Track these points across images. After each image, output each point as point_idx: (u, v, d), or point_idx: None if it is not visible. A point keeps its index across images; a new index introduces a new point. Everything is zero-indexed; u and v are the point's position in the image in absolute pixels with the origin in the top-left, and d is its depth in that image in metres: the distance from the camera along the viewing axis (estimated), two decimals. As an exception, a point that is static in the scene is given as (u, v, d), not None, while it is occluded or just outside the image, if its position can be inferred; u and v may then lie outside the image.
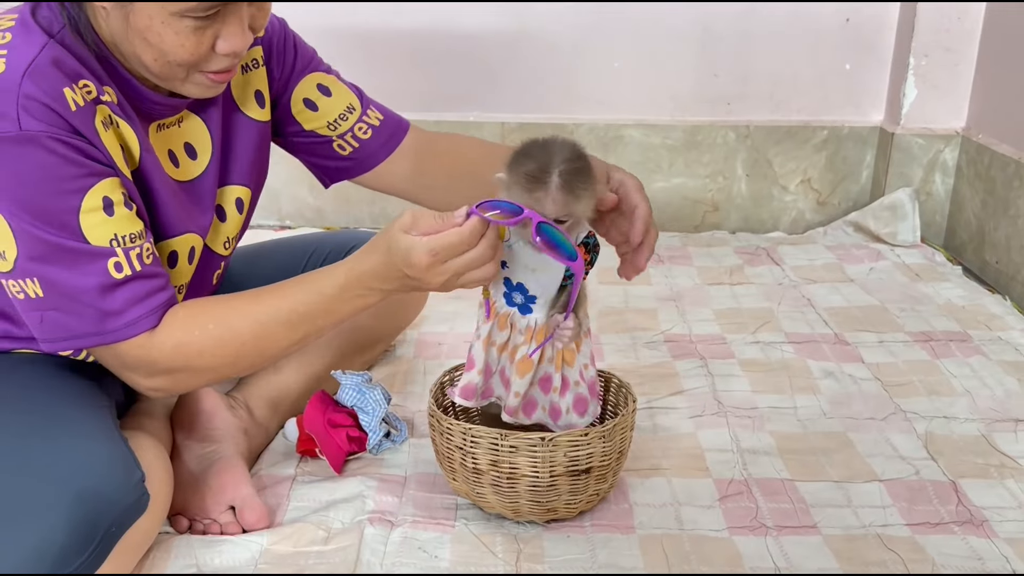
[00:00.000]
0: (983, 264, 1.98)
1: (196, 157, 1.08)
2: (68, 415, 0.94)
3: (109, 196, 0.91)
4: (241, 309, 0.99)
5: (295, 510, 1.11)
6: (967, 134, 2.11)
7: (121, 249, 0.92)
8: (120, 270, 0.92)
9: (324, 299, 0.99)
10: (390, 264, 0.95)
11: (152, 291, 0.95)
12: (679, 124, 2.23)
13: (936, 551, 1.05)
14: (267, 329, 0.99)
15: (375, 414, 1.21)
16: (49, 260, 0.90)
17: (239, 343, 0.98)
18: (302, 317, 0.99)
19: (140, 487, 0.91)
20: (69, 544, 0.82)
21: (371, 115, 1.23)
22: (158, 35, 0.88)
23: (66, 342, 0.94)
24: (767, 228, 2.29)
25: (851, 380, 1.46)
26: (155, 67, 0.92)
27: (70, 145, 0.88)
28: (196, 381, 1.02)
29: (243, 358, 1.00)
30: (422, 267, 0.92)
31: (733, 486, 1.17)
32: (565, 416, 1.06)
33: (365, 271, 0.97)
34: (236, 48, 0.92)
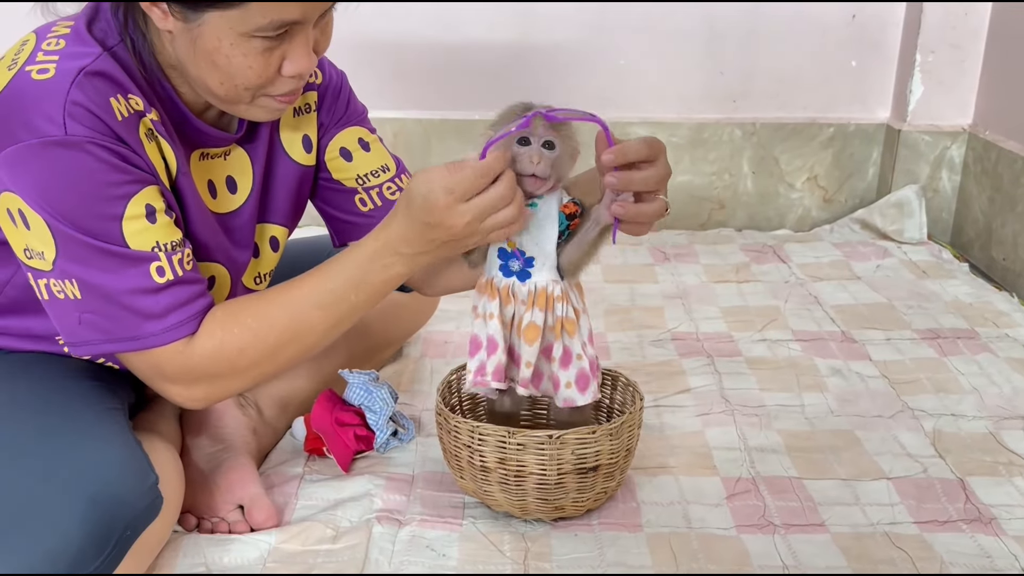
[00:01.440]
0: (990, 261, 1.98)
1: (236, 191, 1.08)
2: (82, 418, 0.94)
3: (152, 204, 0.91)
4: (276, 299, 0.98)
5: (303, 509, 1.12)
6: (974, 131, 2.10)
7: (164, 254, 0.91)
8: (162, 275, 0.91)
9: (355, 271, 0.96)
10: (412, 219, 0.92)
11: (193, 297, 0.94)
12: (685, 122, 2.23)
13: (944, 549, 1.05)
14: (303, 314, 0.97)
15: (382, 413, 1.21)
16: (89, 262, 0.89)
17: (277, 332, 0.96)
18: (334, 295, 0.97)
19: (154, 490, 0.90)
20: (84, 548, 0.82)
21: (404, 180, 1.22)
22: (226, 57, 0.88)
23: (101, 346, 0.92)
24: (773, 226, 2.28)
25: (858, 378, 1.46)
26: (221, 90, 0.92)
27: (114, 152, 0.88)
28: (239, 384, 0.99)
29: (282, 349, 0.98)
30: (441, 208, 0.90)
31: (741, 484, 1.17)
32: (564, 390, 1.04)
33: (391, 235, 0.94)
34: (302, 70, 0.92)
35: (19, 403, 0.96)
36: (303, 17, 0.89)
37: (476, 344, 1.05)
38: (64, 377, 1.01)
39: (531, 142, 0.98)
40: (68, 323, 0.93)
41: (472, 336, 1.05)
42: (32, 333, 1.03)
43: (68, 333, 0.93)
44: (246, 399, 1.22)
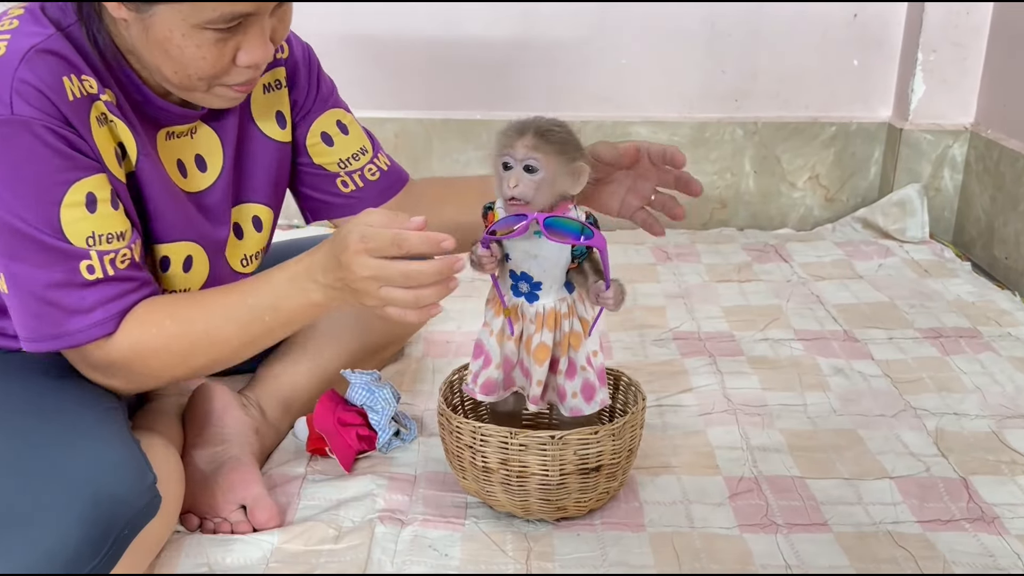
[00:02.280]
0: (992, 260, 1.98)
1: (206, 169, 1.08)
2: (80, 417, 0.94)
3: (94, 192, 0.90)
4: (196, 304, 0.98)
5: (306, 509, 1.12)
6: (976, 129, 2.10)
7: (96, 251, 0.91)
8: (92, 272, 0.91)
9: (273, 291, 0.96)
10: (331, 250, 0.92)
11: (121, 294, 0.94)
12: (687, 121, 2.22)
13: (947, 548, 1.05)
14: (218, 327, 0.97)
15: (385, 413, 1.21)
16: (19, 255, 0.88)
17: (190, 340, 0.97)
18: (251, 313, 0.96)
19: (152, 490, 0.90)
20: (81, 547, 0.82)
21: (380, 159, 1.25)
22: (179, 48, 0.88)
23: (35, 343, 0.93)
24: (775, 225, 2.28)
25: (861, 377, 1.46)
26: (175, 79, 0.92)
27: (60, 136, 0.87)
28: (150, 382, 1.01)
29: (194, 357, 0.98)
30: (349, 251, 0.88)
31: (743, 484, 1.17)
32: (571, 400, 1.06)
33: (313, 262, 0.94)
34: (257, 60, 0.92)
35: (16, 403, 0.96)
36: (256, 9, 0.89)
37: (477, 350, 1.08)
38: (62, 376, 1.01)
39: (512, 166, 0.97)
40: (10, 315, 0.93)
41: (476, 341, 1.08)
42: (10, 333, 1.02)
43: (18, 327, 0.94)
44: (248, 399, 1.22)
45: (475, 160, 2.23)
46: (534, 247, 1.00)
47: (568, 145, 0.99)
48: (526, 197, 0.97)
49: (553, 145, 0.97)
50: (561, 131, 0.99)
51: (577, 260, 1.02)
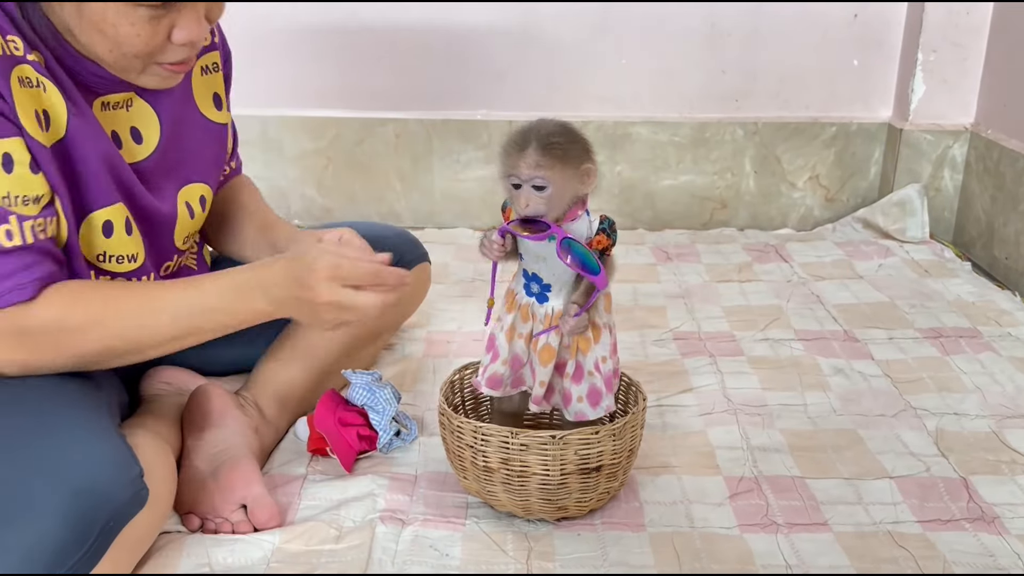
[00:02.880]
0: (992, 260, 1.98)
1: (141, 142, 1.08)
2: (62, 411, 0.93)
3: (10, 154, 0.89)
4: (133, 293, 0.97)
5: (306, 509, 1.12)
6: (976, 130, 2.10)
7: (15, 216, 0.89)
8: (11, 238, 0.89)
9: (218, 296, 0.97)
10: (291, 267, 0.95)
11: (38, 261, 0.92)
12: (687, 121, 2.23)
13: (947, 548, 1.05)
14: (152, 317, 0.96)
15: (385, 413, 1.22)
16: None
17: (119, 326, 0.95)
18: (189, 310, 0.96)
19: (138, 482, 0.89)
20: (65, 540, 0.81)
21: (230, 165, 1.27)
22: (112, 26, 0.88)
23: None
24: (776, 225, 2.28)
25: (861, 377, 1.46)
26: (110, 58, 0.91)
27: None
28: (56, 363, 0.96)
29: (117, 343, 0.96)
30: (319, 276, 0.93)
31: (743, 484, 1.17)
32: (576, 404, 1.06)
33: (266, 273, 0.96)
34: (192, 37, 0.92)
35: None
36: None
37: (489, 344, 1.09)
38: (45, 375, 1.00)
39: (521, 185, 0.99)
40: None
41: (489, 334, 1.09)
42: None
43: None
44: (245, 398, 1.22)
45: (475, 160, 2.24)
46: (543, 250, 1.01)
47: (572, 153, 0.99)
48: (539, 214, 0.99)
49: (558, 159, 0.98)
50: (563, 140, 0.98)
51: None
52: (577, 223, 1.02)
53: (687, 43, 2.19)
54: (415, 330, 1.61)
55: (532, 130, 0.99)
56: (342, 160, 2.23)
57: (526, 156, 0.97)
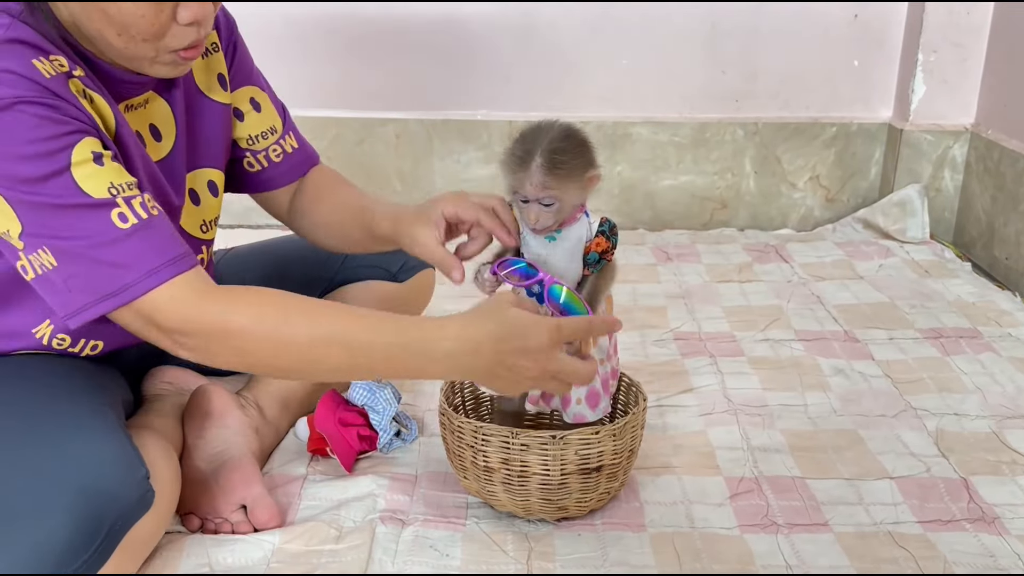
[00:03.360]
0: (992, 260, 1.98)
1: (161, 139, 1.08)
2: (70, 413, 0.94)
3: (96, 150, 0.89)
4: (311, 314, 0.93)
5: (307, 509, 1.12)
6: (976, 130, 2.10)
7: (122, 198, 0.89)
8: (125, 220, 0.89)
9: (401, 343, 0.91)
10: (504, 335, 0.89)
11: (167, 242, 0.91)
12: (687, 121, 2.23)
13: (948, 548, 1.05)
14: (326, 346, 0.91)
15: (385, 413, 1.22)
16: (51, 225, 0.87)
17: (289, 346, 0.91)
18: (365, 350, 0.91)
19: (144, 484, 0.90)
20: (73, 541, 0.82)
21: (287, 140, 1.25)
22: (117, 7, 0.88)
23: (94, 307, 0.89)
24: (776, 225, 2.28)
25: (861, 377, 1.46)
26: (119, 43, 0.91)
27: (48, 106, 0.86)
28: (227, 359, 0.93)
29: (281, 359, 0.92)
30: (543, 343, 0.89)
31: (744, 484, 1.17)
32: (575, 406, 1.06)
33: (465, 338, 0.90)
34: (197, 16, 0.91)
35: (6, 399, 0.96)
36: None
37: None
38: (51, 375, 1.01)
39: (528, 200, 0.99)
40: (59, 295, 0.90)
41: None
42: (8, 330, 1.02)
43: (62, 305, 0.90)
44: (246, 399, 1.22)
45: (476, 160, 2.24)
46: (545, 251, 1.02)
47: (576, 167, 0.98)
48: (547, 226, 1.00)
49: (563, 177, 0.97)
50: (567, 155, 0.97)
51: (591, 268, 1.03)
52: (576, 225, 1.02)
53: (687, 43, 2.19)
54: (415, 330, 1.61)
55: (536, 141, 0.97)
56: (342, 160, 2.23)
57: (531, 175, 0.96)
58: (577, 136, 1.00)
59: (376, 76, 2.21)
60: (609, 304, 1.07)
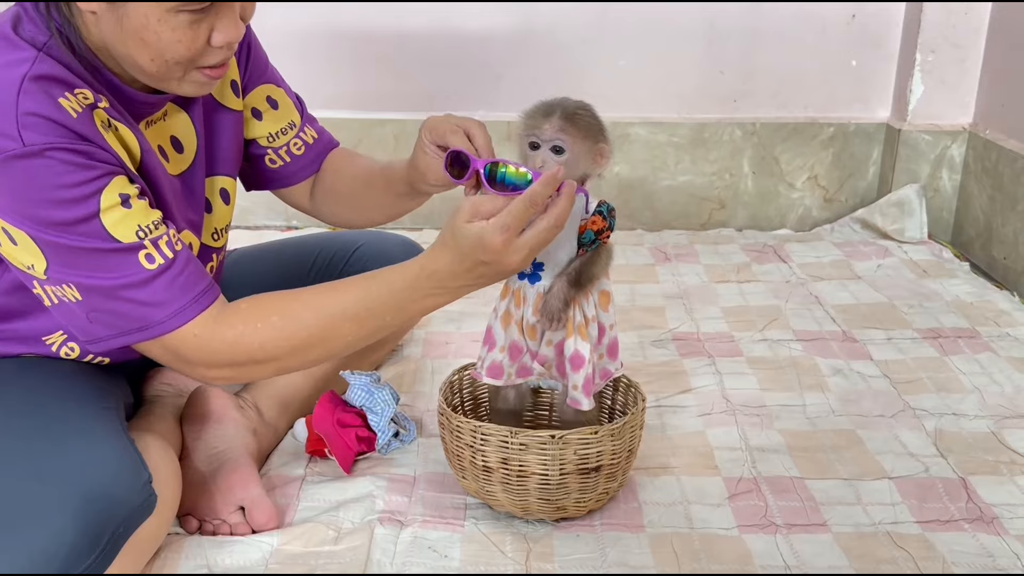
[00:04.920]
0: (991, 260, 1.98)
1: (183, 151, 1.08)
2: (75, 417, 0.94)
3: (124, 192, 0.91)
4: (308, 302, 0.98)
5: (305, 510, 1.12)
6: (974, 130, 2.10)
7: (149, 240, 0.92)
8: (152, 261, 0.91)
9: (394, 296, 0.97)
10: (463, 257, 0.93)
11: (191, 279, 0.94)
12: (685, 122, 2.23)
13: (947, 549, 1.05)
14: (333, 322, 0.97)
15: (384, 414, 1.21)
16: (79, 265, 0.89)
17: (304, 335, 0.97)
18: (370, 312, 0.97)
19: (147, 488, 0.91)
20: (77, 546, 0.83)
21: (307, 132, 1.26)
22: (155, 33, 0.88)
23: (115, 339, 0.93)
24: (774, 225, 2.28)
25: (860, 377, 1.46)
26: (152, 67, 0.92)
27: (76, 151, 0.88)
28: (262, 372, 1.00)
29: (309, 350, 0.98)
30: (498, 247, 0.91)
31: (743, 484, 1.17)
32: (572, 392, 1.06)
33: (439, 268, 0.95)
34: (231, 39, 0.92)
35: (10, 405, 0.96)
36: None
37: (486, 335, 1.09)
38: (56, 378, 1.01)
39: (540, 146, 0.99)
40: (79, 323, 0.93)
41: (487, 325, 1.09)
42: (18, 335, 1.03)
43: (81, 331, 0.94)
44: (245, 400, 1.22)
45: (474, 161, 2.23)
46: None
47: (593, 129, 1.01)
48: None
49: (580, 128, 1.00)
50: (587, 114, 1.01)
51: (585, 248, 1.02)
52: None
53: (685, 43, 2.18)
54: (414, 331, 1.61)
55: (559, 102, 1.01)
56: (340, 161, 2.23)
57: (551, 120, 0.99)
58: (595, 111, 1.04)
59: (374, 77, 2.21)
60: (607, 300, 1.07)
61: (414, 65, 2.20)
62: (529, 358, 1.08)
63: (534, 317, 1.05)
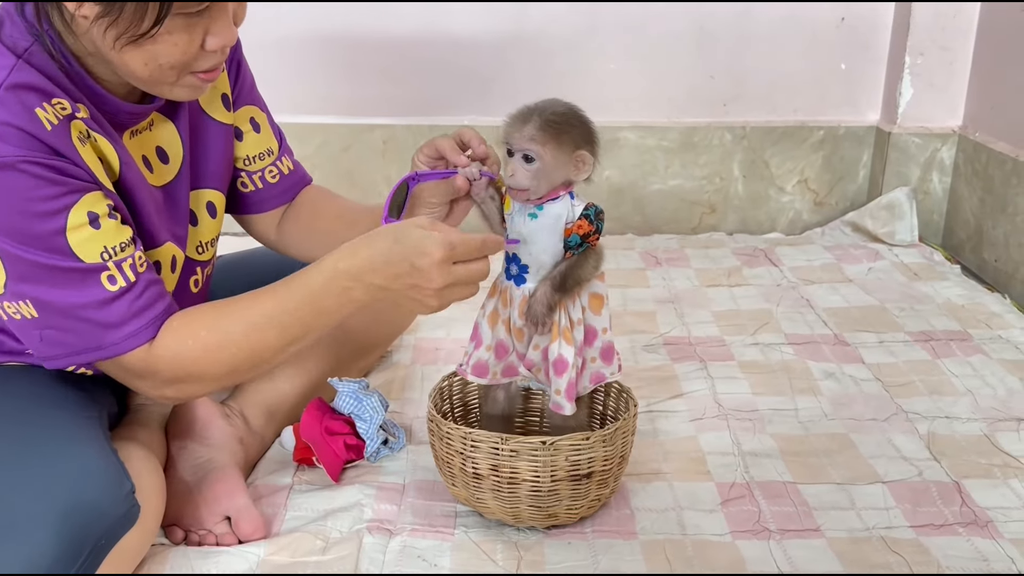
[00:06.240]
0: (981, 263, 1.98)
1: (168, 161, 1.07)
2: (56, 426, 0.93)
3: (93, 210, 0.90)
4: (233, 313, 0.97)
5: (292, 519, 1.10)
6: (964, 132, 2.10)
7: (113, 262, 0.91)
8: (114, 283, 0.91)
9: (311, 294, 0.95)
10: (393, 253, 0.92)
11: (149, 302, 0.94)
12: (675, 126, 2.22)
13: (941, 553, 1.04)
14: (258, 331, 0.96)
15: (372, 421, 1.20)
16: (40, 281, 0.89)
17: (232, 349, 0.96)
18: (291, 316, 0.95)
19: (130, 499, 0.90)
20: (58, 557, 0.82)
21: (284, 162, 1.25)
22: (150, 38, 0.87)
23: (67, 359, 0.93)
24: (764, 229, 2.28)
25: (852, 381, 1.45)
26: (145, 72, 0.90)
27: (48, 166, 0.87)
28: (201, 389, 0.99)
29: (238, 364, 0.97)
30: (435, 259, 0.90)
31: (735, 489, 1.16)
32: (555, 396, 1.05)
33: (358, 262, 0.93)
34: (225, 42, 0.92)
35: None
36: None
37: (473, 333, 1.09)
38: (38, 387, 1.00)
39: (513, 153, 0.99)
40: (31, 340, 0.93)
41: (475, 323, 1.09)
42: (4, 349, 1.02)
43: (34, 348, 0.94)
44: (231, 408, 1.21)
45: (463, 166, 2.22)
46: (523, 229, 1.01)
47: (568, 135, 0.99)
48: (521, 185, 0.99)
49: (554, 136, 0.98)
50: (566, 121, 0.99)
51: (572, 251, 1.01)
52: (558, 204, 1.01)
53: (675, 47, 2.18)
54: (403, 337, 1.60)
55: (540, 106, 1.00)
56: (329, 167, 2.21)
57: (525, 127, 0.98)
58: (579, 114, 1.02)
59: (363, 82, 2.20)
60: (599, 303, 1.06)
61: (404, 70, 2.19)
62: (516, 358, 1.07)
63: (520, 320, 1.04)
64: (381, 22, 2.14)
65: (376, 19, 2.14)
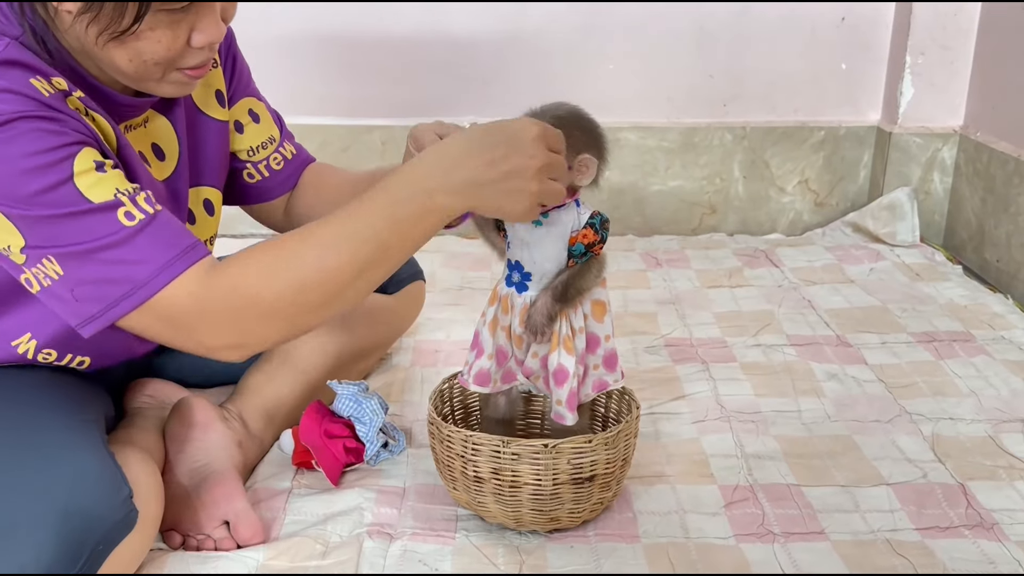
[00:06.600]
0: (983, 263, 1.97)
1: (164, 158, 1.06)
2: (52, 430, 0.92)
3: (97, 159, 0.88)
4: (300, 235, 0.91)
5: (292, 524, 1.09)
6: (965, 132, 2.09)
7: (128, 198, 0.87)
8: (132, 218, 0.87)
9: (388, 202, 0.89)
10: (487, 137, 0.89)
11: (176, 233, 0.89)
12: (675, 126, 2.21)
13: (947, 556, 1.03)
14: (328, 249, 0.89)
15: (372, 424, 1.19)
16: (57, 232, 0.86)
17: (300, 270, 0.89)
18: (366, 227, 0.89)
19: (128, 503, 0.88)
20: (55, 563, 0.81)
21: (287, 148, 1.25)
22: (133, 34, 0.86)
23: (106, 314, 0.87)
24: (765, 230, 2.27)
25: (855, 382, 1.44)
26: (130, 68, 0.90)
27: (47, 119, 0.85)
28: (265, 329, 0.90)
29: (308, 292, 0.89)
30: (533, 134, 0.89)
31: (739, 492, 1.15)
32: (556, 407, 1.04)
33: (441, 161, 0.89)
34: (212, 39, 0.91)
35: None
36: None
37: (474, 341, 1.07)
38: (34, 389, 0.99)
39: None
40: (68, 306, 0.89)
41: (475, 331, 1.07)
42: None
43: (73, 315, 0.89)
44: (230, 411, 1.20)
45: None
46: (528, 235, 1.00)
47: (572, 138, 0.97)
48: None
49: (574, 136, 0.97)
50: (566, 126, 0.97)
51: (576, 260, 1.01)
52: (563, 211, 1.00)
53: (674, 47, 2.17)
54: (403, 339, 1.59)
55: (547, 110, 0.99)
56: (327, 168, 2.21)
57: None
58: (585, 119, 1.00)
59: (362, 83, 2.19)
60: (602, 310, 1.05)
61: (402, 71, 2.18)
62: (515, 364, 1.06)
63: (520, 328, 1.03)
64: (380, 22, 2.14)
65: (375, 19, 2.13)
